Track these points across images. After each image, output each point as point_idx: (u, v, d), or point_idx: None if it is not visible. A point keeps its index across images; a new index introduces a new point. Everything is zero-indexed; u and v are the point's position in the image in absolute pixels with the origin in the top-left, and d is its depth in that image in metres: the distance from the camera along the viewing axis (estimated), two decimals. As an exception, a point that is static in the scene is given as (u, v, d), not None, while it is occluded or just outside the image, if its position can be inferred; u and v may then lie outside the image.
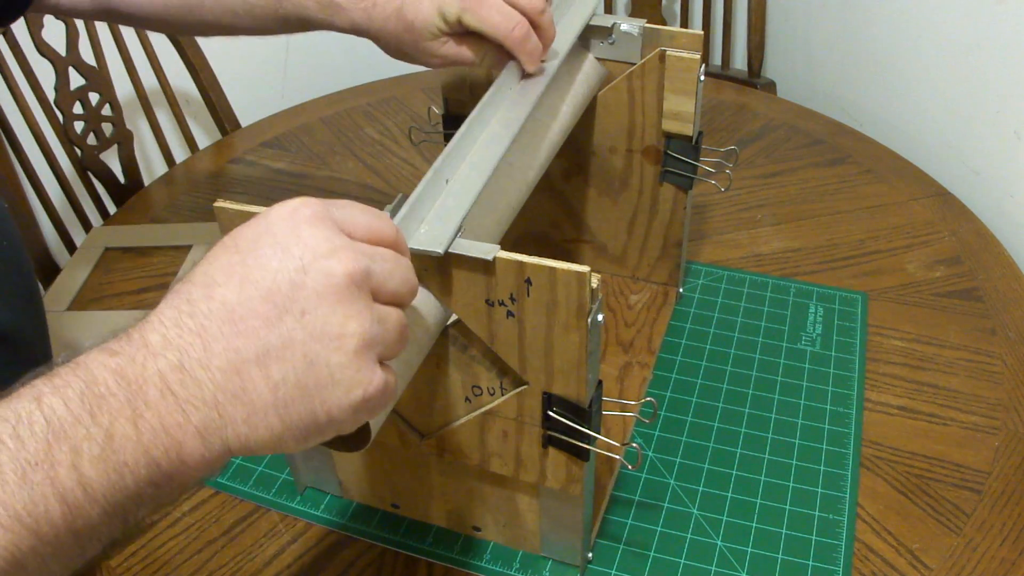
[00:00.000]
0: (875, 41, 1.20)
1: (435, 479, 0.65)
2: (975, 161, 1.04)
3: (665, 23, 1.47)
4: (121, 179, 1.23)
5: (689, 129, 0.75)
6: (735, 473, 0.72)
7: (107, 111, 1.20)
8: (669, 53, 0.72)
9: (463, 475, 0.63)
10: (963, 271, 0.90)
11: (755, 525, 0.68)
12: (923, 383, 0.79)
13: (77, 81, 1.16)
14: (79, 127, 1.17)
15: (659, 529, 0.68)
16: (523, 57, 0.63)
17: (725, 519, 0.68)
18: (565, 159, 0.82)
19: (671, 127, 0.76)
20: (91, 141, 1.18)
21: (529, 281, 0.49)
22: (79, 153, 1.18)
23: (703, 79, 0.72)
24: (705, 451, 0.73)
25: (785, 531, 0.67)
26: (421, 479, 0.65)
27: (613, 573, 0.65)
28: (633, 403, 0.76)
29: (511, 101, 0.61)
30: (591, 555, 0.66)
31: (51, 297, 0.92)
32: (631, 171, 0.81)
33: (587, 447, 0.55)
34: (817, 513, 0.68)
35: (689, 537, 0.67)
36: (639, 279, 0.89)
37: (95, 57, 1.18)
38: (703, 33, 0.74)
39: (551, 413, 0.54)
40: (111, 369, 0.36)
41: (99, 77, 1.18)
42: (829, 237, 0.95)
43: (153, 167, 1.43)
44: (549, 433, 0.56)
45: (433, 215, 0.51)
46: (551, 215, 0.88)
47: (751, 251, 0.94)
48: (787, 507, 0.69)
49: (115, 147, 1.22)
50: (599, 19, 0.73)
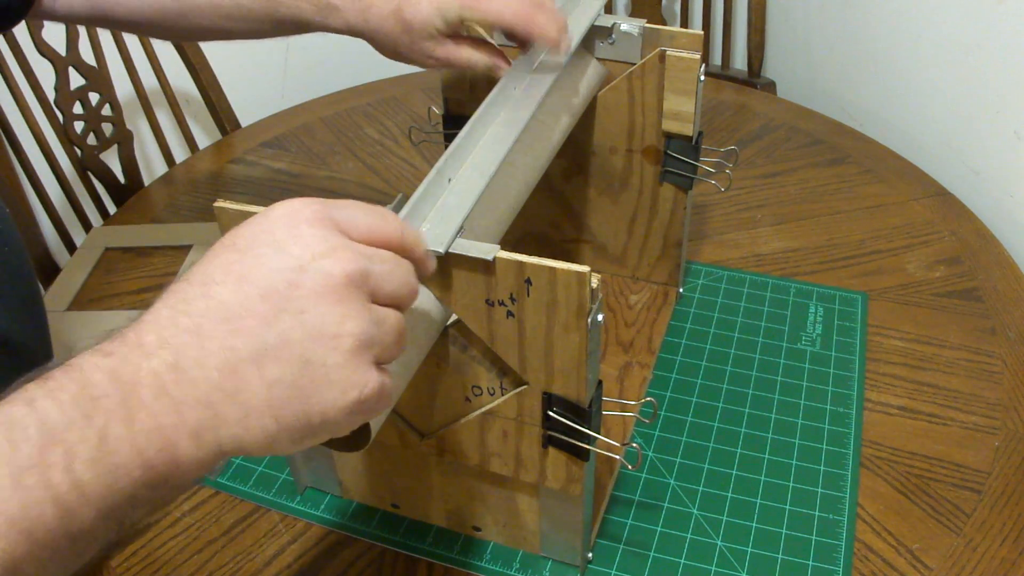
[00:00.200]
0: (875, 41, 1.20)
1: (435, 479, 0.65)
2: (975, 161, 1.04)
3: (665, 23, 1.47)
4: (121, 179, 1.23)
5: (689, 129, 0.75)
6: (735, 473, 0.72)
7: (107, 111, 1.20)
8: (669, 53, 0.72)
9: (463, 475, 0.63)
10: (963, 271, 0.90)
11: (755, 525, 0.68)
12: (923, 383, 0.79)
13: (77, 81, 1.16)
14: (79, 127, 1.17)
15: (659, 529, 0.68)
16: (537, 33, 0.62)
17: (725, 519, 0.68)
18: (565, 159, 0.82)
19: (671, 127, 0.76)
20: (91, 141, 1.18)
21: (529, 281, 0.49)
22: (79, 153, 1.18)
23: (703, 79, 0.72)
24: (705, 451, 0.73)
25: (785, 531, 0.67)
26: (421, 479, 0.65)
27: (613, 573, 0.65)
28: (633, 403, 0.76)
29: (514, 101, 0.61)
30: (591, 555, 0.66)
31: (51, 297, 0.92)
32: (631, 171, 0.81)
33: (587, 447, 0.55)
34: (817, 513, 0.68)
35: (689, 537, 0.67)
36: (639, 279, 0.90)
37: (95, 57, 1.18)
38: (703, 33, 0.74)
39: (551, 413, 0.54)
40: (105, 370, 0.35)
41: (99, 77, 1.18)
42: (829, 237, 0.95)
43: (153, 167, 1.43)
44: (549, 433, 0.56)
45: (435, 214, 0.51)
46: (551, 215, 0.88)
47: (751, 251, 0.94)
48: (787, 507, 0.69)
49: (115, 147, 1.22)
50: (599, 19, 0.73)
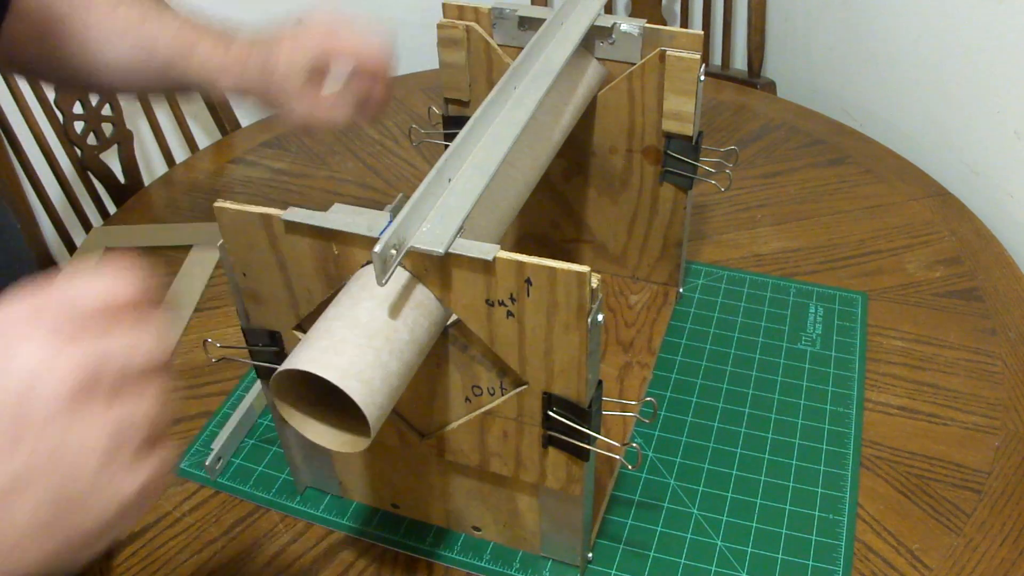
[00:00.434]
0: (875, 41, 1.20)
1: (435, 479, 0.65)
2: (975, 161, 1.04)
3: (665, 23, 1.47)
4: (121, 179, 1.23)
5: (689, 129, 0.75)
6: (735, 473, 0.72)
7: (107, 111, 1.20)
8: (669, 53, 0.72)
9: (463, 475, 0.63)
10: (963, 271, 0.90)
11: (755, 525, 0.68)
12: (923, 383, 0.79)
13: (77, 81, 1.16)
14: (79, 127, 1.17)
15: (659, 529, 0.68)
16: (380, 74, 0.69)
17: (725, 519, 0.68)
18: (565, 159, 0.82)
19: (671, 127, 0.76)
20: (91, 141, 1.19)
21: (529, 281, 0.49)
22: (79, 153, 1.18)
23: (703, 79, 0.72)
24: (705, 451, 0.73)
25: (785, 531, 0.67)
26: (421, 479, 0.65)
27: (613, 573, 0.65)
28: (633, 403, 0.76)
29: (514, 101, 0.61)
30: (591, 555, 0.66)
31: (51, 297, 0.91)
32: (631, 171, 0.81)
33: (587, 447, 0.55)
34: (817, 513, 0.68)
35: (689, 537, 0.67)
36: (639, 279, 0.90)
37: (95, 57, 1.18)
38: (703, 33, 0.74)
39: (551, 413, 0.54)
40: None
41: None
42: (829, 237, 0.95)
43: (153, 167, 1.43)
44: (549, 433, 0.56)
45: (435, 214, 0.51)
46: (551, 215, 0.88)
47: (751, 251, 0.94)
48: (787, 507, 0.69)
49: (115, 147, 1.22)
50: (599, 19, 0.73)
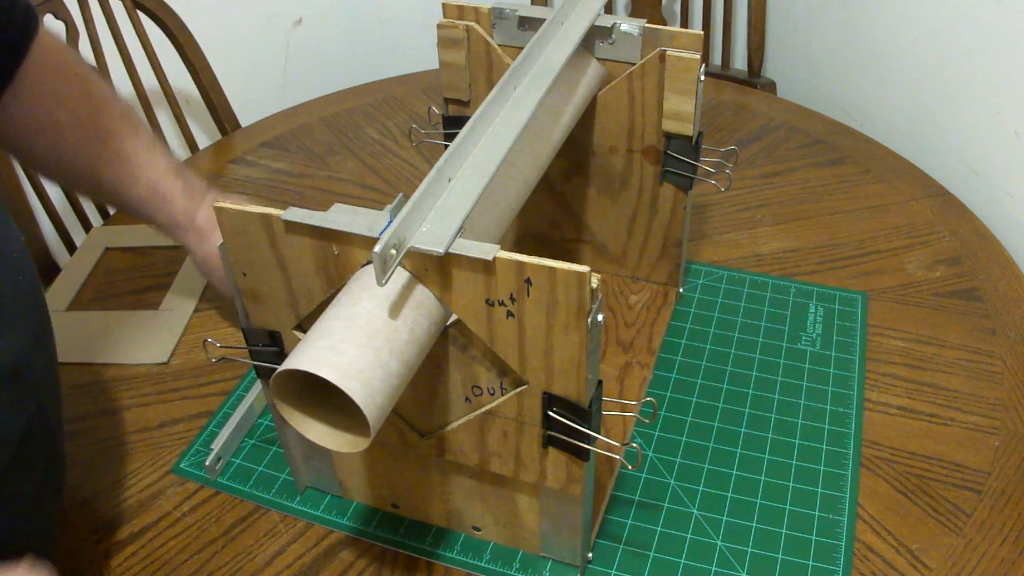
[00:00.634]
0: (875, 41, 1.20)
1: (435, 479, 0.65)
2: (975, 161, 1.04)
3: (665, 23, 1.47)
4: (121, 179, 1.23)
5: (689, 129, 0.75)
6: (735, 473, 0.72)
7: (107, 111, 1.20)
8: (669, 53, 0.72)
9: (463, 475, 0.63)
10: (963, 271, 0.90)
11: (755, 525, 0.68)
12: (923, 383, 0.79)
13: (77, 81, 1.15)
14: (79, 127, 1.17)
15: (659, 529, 0.68)
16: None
17: (725, 519, 0.68)
18: (565, 159, 0.82)
19: (671, 127, 0.76)
20: (91, 141, 1.18)
21: (529, 281, 0.49)
22: (79, 153, 1.18)
23: (703, 79, 0.72)
24: (705, 451, 0.73)
25: (785, 531, 0.67)
26: (421, 479, 0.65)
27: (613, 573, 0.65)
28: (633, 403, 0.76)
29: (514, 101, 0.61)
30: (591, 555, 0.66)
31: (51, 297, 0.92)
32: (631, 171, 0.81)
33: (587, 447, 0.55)
34: (817, 513, 0.68)
35: (689, 537, 0.67)
36: (639, 279, 0.90)
37: (95, 57, 1.18)
38: (703, 33, 0.74)
39: (551, 413, 0.54)
40: None
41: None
42: (829, 237, 0.95)
43: (153, 167, 1.43)
44: (549, 433, 0.56)
45: (435, 214, 0.51)
46: (551, 215, 0.88)
47: (751, 251, 0.94)
48: (787, 507, 0.69)
49: (115, 147, 1.21)
50: (599, 19, 0.73)
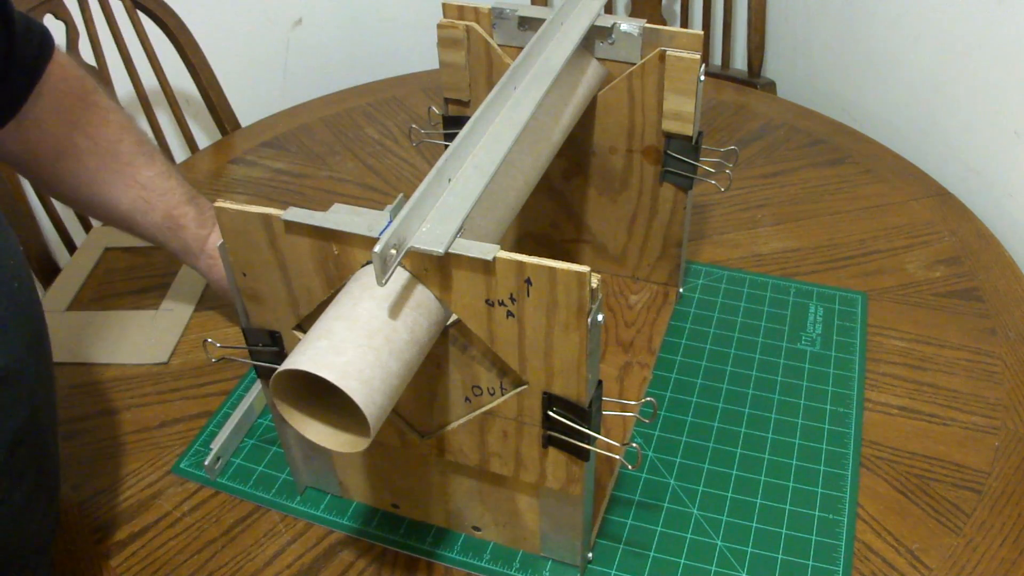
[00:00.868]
0: (875, 41, 1.20)
1: (435, 479, 0.65)
2: (975, 161, 1.04)
3: (665, 23, 1.47)
4: (121, 179, 1.23)
5: (689, 129, 0.75)
6: (735, 473, 0.72)
7: (107, 111, 1.20)
8: (669, 53, 0.72)
9: (463, 475, 0.63)
10: (963, 271, 0.90)
11: (755, 525, 0.68)
12: (923, 383, 0.79)
13: (77, 81, 1.15)
14: (79, 127, 1.17)
15: (659, 529, 0.68)
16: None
17: (725, 519, 0.68)
18: (565, 159, 0.82)
19: (671, 127, 0.76)
20: (91, 141, 1.18)
21: (529, 281, 0.49)
22: (79, 153, 1.18)
23: (703, 79, 0.72)
24: (705, 451, 0.73)
25: (785, 531, 0.67)
26: (421, 479, 0.65)
27: (613, 573, 0.65)
28: (633, 403, 0.76)
29: (514, 101, 0.61)
30: (591, 555, 0.66)
31: (51, 297, 0.92)
32: (631, 171, 0.81)
33: (587, 447, 0.55)
34: (817, 513, 0.68)
35: (689, 537, 0.67)
36: (639, 279, 0.90)
37: (95, 57, 1.18)
38: (703, 33, 0.74)
39: (551, 413, 0.54)
40: None
41: (99, 77, 1.18)
42: (829, 237, 0.95)
43: (153, 167, 1.43)
44: (549, 433, 0.56)
45: (435, 214, 0.51)
46: (551, 215, 0.88)
47: (751, 251, 0.94)
48: (787, 507, 0.69)
49: (115, 147, 1.21)
50: (599, 19, 0.73)
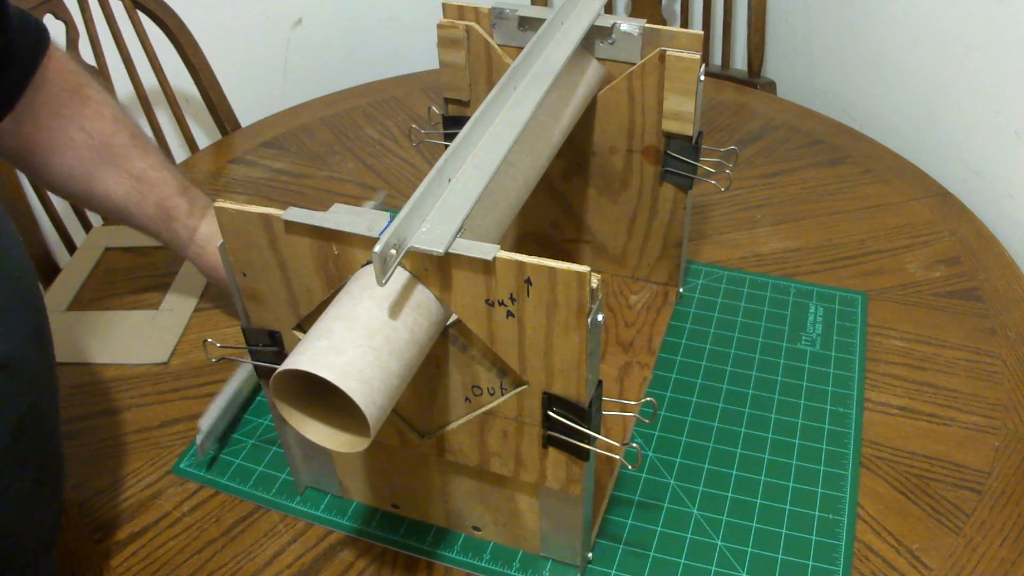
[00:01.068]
0: (875, 41, 1.20)
1: (435, 479, 0.65)
2: (975, 161, 1.04)
3: (665, 23, 1.47)
4: (121, 179, 1.23)
5: (689, 129, 0.75)
6: (735, 473, 0.72)
7: (107, 111, 1.20)
8: (669, 53, 0.72)
9: (463, 475, 0.63)
10: (963, 271, 0.90)
11: (755, 525, 0.68)
12: (923, 383, 0.79)
13: (77, 81, 1.15)
14: (79, 127, 1.17)
15: (659, 529, 0.68)
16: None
17: (725, 519, 0.68)
18: (565, 159, 0.82)
19: (671, 127, 0.76)
20: (91, 141, 1.18)
21: (529, 281, 0.49)
22: (79, 153, 1.18)
23: (703, 79, 0.72)
24: (705, 451, 0.73)
25: (785, 531, 0.67)
26: (421, 479, 0.65)
27: (613, 573, 0.65)
28: (633, 403, 0.76)
29: (514, 101, 0.61)
30: (591, 555, 0.66)
31: (51, 297, 0.92)
32: (631, 171, 0.81)
33: (587, 447, 0.55)
34: (817, 513, 0.68)
35: (689, 537, 0.67)
36: (639, 279, 0.90)
37: (95, 57, 1.18)
38: (703, 33, 0.74)
39: (551, 413, 0.54)
40: None
41: (99, 77, 1.18)
42: (829, 237, 0.95)
43: (153, 167, 1.43)
44: (549, 433, 0.56)
45: (435, 214, 0.51)
46: (551, 215, 0.88)
47: (751, 251, 0.94)
48: (787, 507, 0.69)
49: (115, 147, 1.21)
50: (599, 19, 0.73)
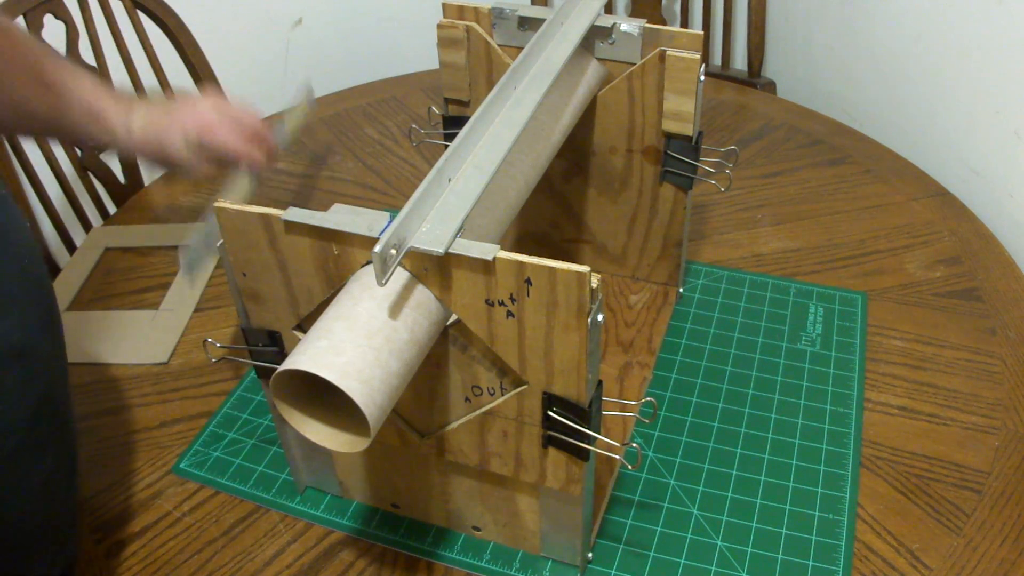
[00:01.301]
0: (875, 41, 1.20)
1: (435, 479, 0.65)
2: (975, 161, 1.04)
3: (665, 23, 1.47)
4: (121, 179, 1.23)
5: (689, 129, 0.75)
6: (735, 473, 0.72)
7: (107, 111, 1.20)
8: (669, 53, 0.72)
9: (463, 475, 0.63)
10: (963, 271, 0.90)
11: (755, 525, 0.68)
12: (923, 383, 0.79)
13: (77, 81, 1.15)
14: (79, 127, 1.17)
15: (659, 529, 0.68)
16: (247, 162, 0.79)
17: (725, 519, 0.68)
18: (565, 159, 0.82)
19: (671, 127, 0.76)
20: (91, 141, 1.18)
21: (529, 281, 0.49)
22: (79, 153, 1.18)
23: (703, 79, 0.72)
24: (705, 451, 0.73)
25: (785, 531, 0.67)
26: (421, 479, 0.65)
27: (613, 573, 0.65)
28: (633, 403, 0.76)
29: (514, 101, 0.61)
30: (591, 555, 0.66)
31: (51, 297, 0.92)
32: (631, 171, 0.81)
33: (587, 447, 0.55)
34: (817, 513, 0.68)
35: (689, 537, 0.67)
36: (639, 279, 0.90)
37: (95, 57, 1.18)
38: (703, 33, 0.74)
39: (551, 413, 0.54)
40: None
41: (99, 77, 1.18)
42: (829, 237, 0.95)
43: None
44: (549, 433, 0.56)
45: (435, 214, 0.51)
46: (551, 215, 0.88)
47: (751, 251, 0.94)
48: (787, 507, 0.69)
49: (115, 147, 1.21)
50: (599, 19, 0.73)
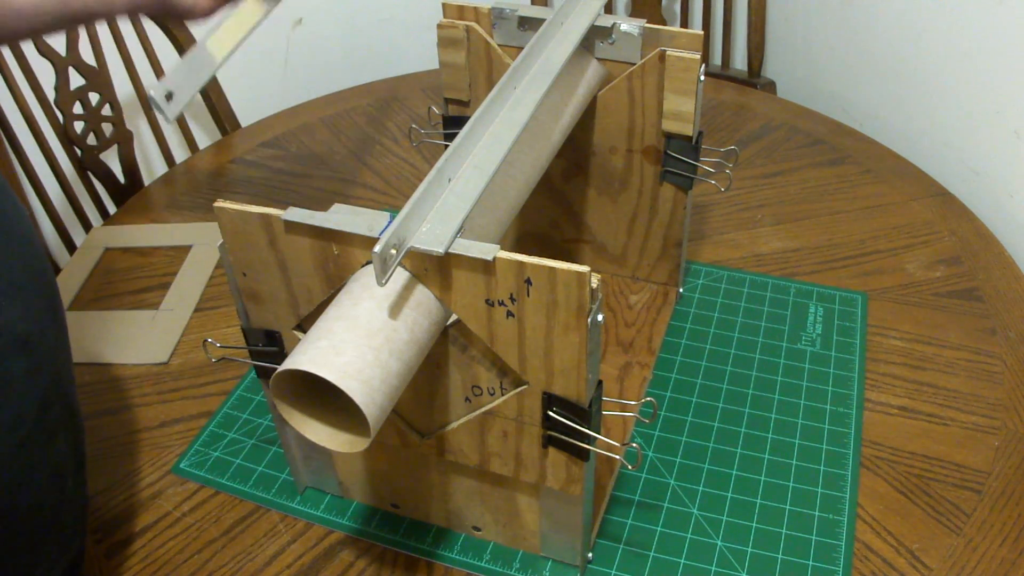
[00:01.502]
0: (875, 41, 1.20)
1: (435, 479, 0.65)
2: (975, 161, 1.04)
3: (665, 23, 1.47)
4: (121, 179, 1.23)
5: (689, 129, 0.75)
6: (735, 473, 0.72)
7: (107, 111, 1.20)
8: (669, 53, 0.72)
9: (463, 475, 0.63)
10: (963, 271, 0.90)
11: (755, 525, 0.68)
12: (923, 383, 0.79)
13: (77, 81, 1.16)
14: (79, 127, 1.17)
15: (659, 529, 0.68)
16: (189, 12, 0.70)
17: (725, 519, 0.68)
18: (565, 159, 0.82)
19: (671, 127, 0.76)
20: (91, 141, 1.19)
21: (529, 281, 0.49)
22: (79, 153, 1.18)
23: (703, 79, 0.72)
24: (705, 451, 0.73)
25: (785, 531, 0.67)
26: (421, 479, 0.65)
27: (613, 573, 0.65)
28: (633, 403, 0.76)
29: (514, 101, 0.61)
30: (591, 555, 0.66)
31: (51, 297, 0.92)
32: (631, 171, 0.81)
33: (587, 447, 0.55)
34: (817, 513, 0.68)
35: (689, 537, 0.67)
36: (639, 279, 0.90)
37: (95, 57, 1.18)
38: (703, 33, 0.74)
39: (551, 413, 0.55)
40: None
41: (99, 77, 1.18)
42: (829, 237, 0.95)
43: (153, 167, 1.43)
44: (549, 433, 0.56)
45: (435, 214, 0.51)
46: (551, 215, 0.88)
47: (751, 251, 0.94)
48: (787, 507, 0.69)
49: (115, 147, 1.22)
50: (599, 19, 0.73)
